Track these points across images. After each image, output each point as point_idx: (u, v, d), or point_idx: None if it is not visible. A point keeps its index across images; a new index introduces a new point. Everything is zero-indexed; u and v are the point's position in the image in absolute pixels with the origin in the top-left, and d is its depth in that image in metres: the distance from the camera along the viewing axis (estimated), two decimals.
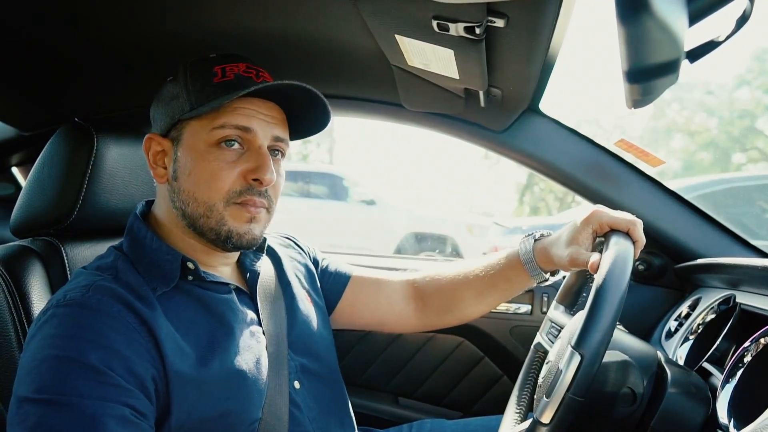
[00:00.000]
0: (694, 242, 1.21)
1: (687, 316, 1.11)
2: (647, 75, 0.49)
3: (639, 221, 0.85)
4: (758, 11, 0.53)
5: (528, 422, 0.72)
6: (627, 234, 0.82)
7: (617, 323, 0.67)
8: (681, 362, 0.97)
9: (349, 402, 0.99)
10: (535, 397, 0.78)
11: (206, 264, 0.85)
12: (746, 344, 0.77)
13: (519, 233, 5.33)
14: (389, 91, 1.22)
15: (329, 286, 1.07)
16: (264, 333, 0.85)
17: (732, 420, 0.71)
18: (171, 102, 0.82)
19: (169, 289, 0.78)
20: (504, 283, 1.01)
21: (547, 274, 0.98)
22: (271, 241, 1.00)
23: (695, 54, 0.53)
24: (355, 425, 0.98)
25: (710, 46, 0.54)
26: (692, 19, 0.45)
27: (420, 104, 1.27)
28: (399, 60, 1.00)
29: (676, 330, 1.11)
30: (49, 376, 0.65)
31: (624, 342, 0.78)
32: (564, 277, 1.04)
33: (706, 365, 0.85)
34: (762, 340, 0.76)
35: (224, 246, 0.82)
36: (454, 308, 1.07)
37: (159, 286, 0.78)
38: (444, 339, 1.48)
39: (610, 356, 0.75)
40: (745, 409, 0.70)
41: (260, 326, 0.86)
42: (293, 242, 1.10)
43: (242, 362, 0.79)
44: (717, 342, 0.86)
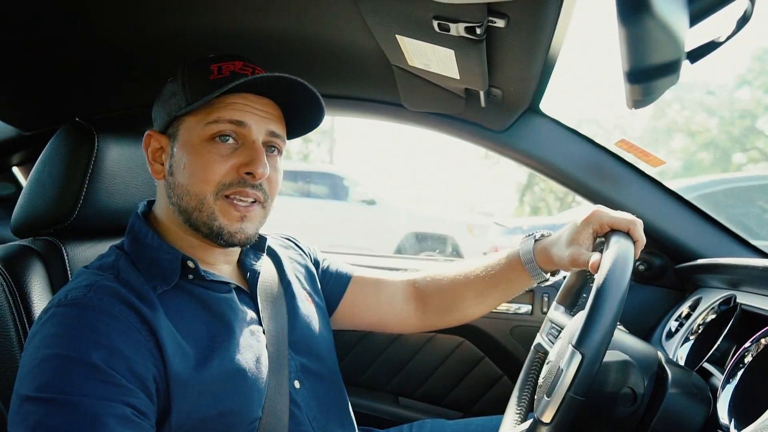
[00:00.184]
0: (695, 242, 1.21)
1: (687, 317, 1.11)
2: (648, 75, 0.49)
3: (639, 221, 0.85)
4: (759, 11, 0.53)
5: (529, 422, 0.72)
6: (627, 234, 0.82)
7: (618, 323, 0.67)
8: (681, 362, 0.97)
9: (349, 402, 0.99)
10: (536, 397, 0.78)
11: (206, 262, 0.85)
12: (747, 344, 0.77)
13: (519, 233, 5.33)
14: (390, 91, 1.22)
15: (330, 287, 1.07)
16: (264, 332, 0.86)
17: (732, 420, 0.71)
18: (169, 100, 0.84)
19: (170, 288, 0.79)
20: (504, 284, 1.01)
21: (548, 275, 0.98)
22: (272, 242, 1.00)
23: (696, 54, 0.53)
24: (355, 425, 0.98)
25: (711, 47, 0.54)
26: (693, 20, 0.45)
27: (420, 104, 1.27)
28: (399, 60, 1.01)
29: (677, 330, 1.11)
30: (51, 375, 0.65)
31: (624, 342, 0.78)
32: (564, 278, 1.04)
33: (707, 365, 0.85)
34: (762, 341, 0.76)
35: (217, 242, 0.82)
36: (455, 308, 1.07)
37: (159, 285, 0.78)
38: (444, 339, 1.48)
39: (611, 356, 0.75)
40: (746, 410, 0.70)
41: (260, 325, 0.86)
42: (294, 243, 1.10)
43: (242, 361, 0.79)
44: (717, 342, 0.86)
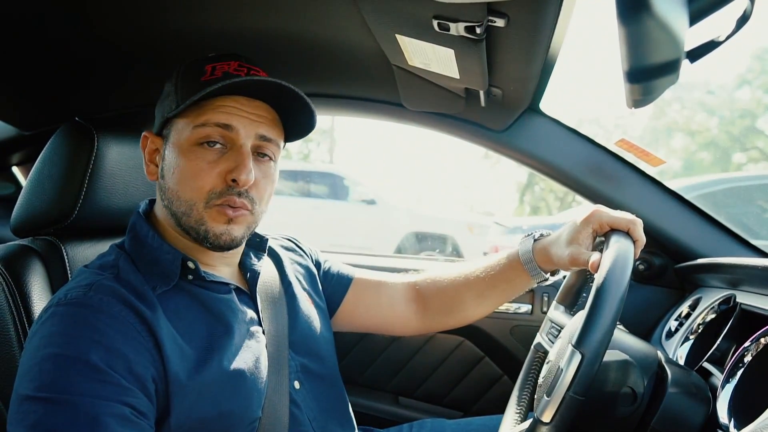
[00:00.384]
0: (695, 242, 1.21)
1: (687, 316, 1.11)
2: (647, 75, 0.49)
3: (639, 221, 0.85)
4: (759, 11, 0.53)
5: (528, 422, 0.72)
6: (627, 233, 0.82)
7: (617, 323, 0.68)
8: (681, 362, 0.97)
9: (349, 402, 0.99)
10: (536, 397, 0.78)
11: (206, 263, 0.85)
12: (746, 344, 0.77)
13: (519, 233, 5.33)
14: (390, 91, 1.22)
15: (331, 289, 1.07)
16: (264, 333, 0.85)
17: (732, 420, 0.71)
18: (164, 101, 0.84)
19: (169, 289, 0.78)
20: (504, 284, 1.01)
21: (547, 274, 0.98)
22: (273, 243, 1.00)
23: (696, 54, 0.53)
24: (355, 425, 0.98)
25: (711, 46, 0.53)
26: (693, 19, 0.45)
27: (420, 104, 1.27)
28: (399, 59, 1.00)
29: (677, 330, 1.11)
30: (50, 375, 0.65)
31: (624, 341, 0.78)
32: (564, 277, 1.04)
33: (707, 365, 0.85)
34: (762, 340, 0.76)
35: (204, 244, 0.81)
36: (456, 310, 1.07)
37: (159, 285, 0.78)
38: (444, 339, 1.48)
39: (611, 356, 0.75)
40: (746, 409, 0.70)
41: (260, 326, 0.86)
42: (295, 244, 1.09)
43: (241, 362, 0.78)
44: (717, 342, 0.86)
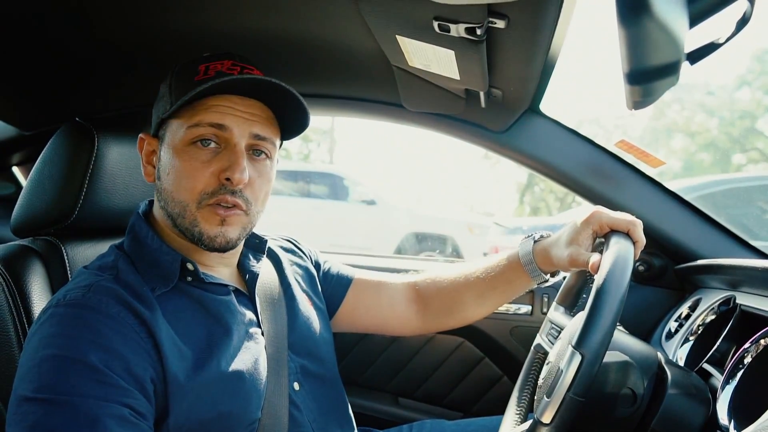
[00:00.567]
0: (695, 243, 1.21)
1: (687, 317, 1.11)
2: (648, 76, 0.49)
3: (639, 222, 0.85)
4: (759, 12, 0.53)
5: (528, 423, 0.72)
6: (627, 235, 0.82)
7: (617, 324, 0.68)
8: (681, 363, 0.97)
9: (349, 402, 0.99)
10: (536, 398, 0.78)
11: (204, 264, 0.85)
12: (746, 345, 0.77)
13: (519, 233, 5.33)
14: (390, 92, 1.22)
15: (331, 290, 1.07)
16: (263, 334, 0.85)
17: (732, 421, 0.71)
18: (159, 102, 0.84)
19: (168, 290, 0.78)
20: (504, 285, 1.01)
21: (547, 276, 0.98)
22: (272, 244, 1.00)
23: (695, 55, 0.53)
24: (355, 426, 0.98)
25: (710, 48, 0.53)
26: (693, 21, 0.45)
27: (420, 105, 1.27)
28: (400, 60, 1.01)
29: (677, 331, 1.11)
30: (49, 376, 0.65)
31: (624, 343, 0.78)
32: (564, 278, 1.04)
33: (707, 366, 0.85)
34: (762, 341, 0.76)
35: (199, 246, 0.80)
36: (456, 310, 1.07)
37: (158, 287, 0.78)
38: (444, 339, 1.48)
39: (611, 357, 0.75)
40: (746, 410, 0.70)
41: (259, 327, 0.86)
42: (294, 245, 1.09)
43: (240, 363, 0.78)
44: (717, 343, 0.86)
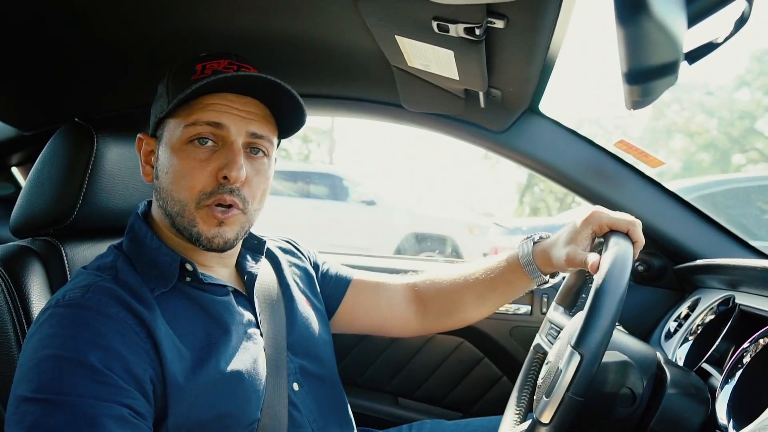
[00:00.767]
0: (694, 243, 1.21)
1: (686, 317, 1.11)
2: (646, 76, 0.50)
3: (638, 222, 0.85)
4: (758, 12, 0.53)
5: (528, 423, 0.72)
6: (626, 235, 0.82)
7: (617, 324, 0.68)
8: (680, 363, 0.97)
9: (349, 403, 0.99)
10: (535, 398, 0.78)
11: (203, 265, 0.85)
12: (745, 345, 0.77)
13: (519, 233, 5.34)
14: (389, 92, 1.22)
15: (330, 291, 1.07)
16: (262, 335, 0.85)
17: (731, 421, 0.71)
18: (157, 101, 0.84)
19: (167, 290, 0.78)
20: (504, 286, 1.01)
21: (547, 277, 0.98)
22: (271, 245, 1.00)
23: (694, 55, 0.53)
24: (355, 427, 0.98)
25: (709, 48, 0.54)
26: (691, 21, 0.45)
27: (420, 105, 1.27)
28: (399, 61, 1.01)
29: (676, 331, 1.11)
30: (48, 376, 0.65)
31: (623, 342, 0.78)
32: (563, 279, 1.04)
33: (706, 366, 0.85)
34: (761, 341, 0.76)
35: (197, 246, 0.80)
36: (455, 311, 1.06)
37: (157, 287, 0.78)
38: (444, 339, 1.48)
39: (610, 356, 0.75)
40: (745, 410, 0.70)
41: (258, 328, 0.86)
42: (293, 246, 1.09)
43: (239, 364, 0.78)
44: (716, 343, 0.86)
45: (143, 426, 0.67)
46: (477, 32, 0.77)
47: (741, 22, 0.51)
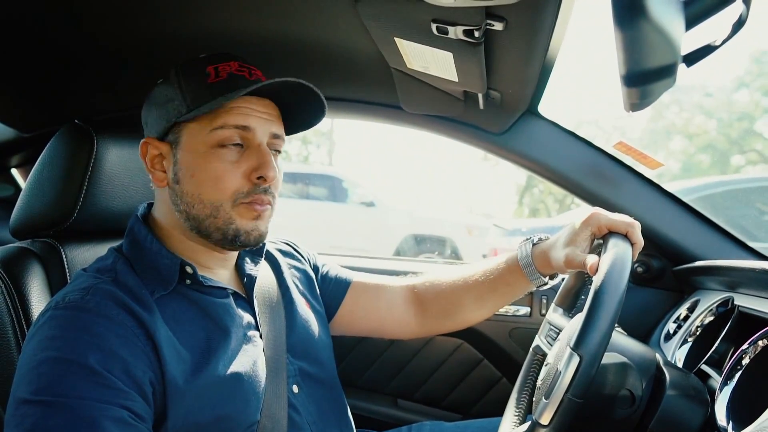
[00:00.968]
0: (693, 244, 1.21)
1: (685, 319, 1.12)
2: (645, 78, 0.50)
3: (637, 223, 0.85)
4: (757, 14, 0.54)
5: (527, 424, 0.72)
6: (625, 236, 0.82)
7: (616, 325, 0.68)
8: (679, 364, 0.97)
9: (348, 404, 0.99)
10: (534, 399, 0.78)
11: (204, 267, 0.85)
12: (744, 346, 0.77)
13: (518, 235, 5.33)
14: (388, 94, 1.22)
15: (329, 293, 1.07)
16: (261, 337, 0.85)
17: (730, 422, 0.71)
18: (166, 105, 0.82)
19: (167, 293, 0.78)
20: (504, 288, 1.01)
21: (546, 278, 0.98)
22: (270, 247, 1.00)
23: (692, 58, 0.54)
24: (354, 429, 0.97)
25: (707, 50, 0.54)
26: (689, 23, 0.46)
27: (419, 106, 1.27)
28: (398, 62, 1.01)
29: (675, 332, 1.11)
30: (47, 378, 0.64)
31: (623, 344, 0.78)
32: (563, 280, 1.04)
33: (705, 367, 0.85)
34: (760, 342, 0.76)
35: (231, 245, 0.82)
36: (455, 313, 1.06)
37: (157, 289, 0.78)
38: (443, 341, 1.48)
39: (609, 358, 0.75)
40: (744, 411, 0.70)
41: (257, 330, 0.86)
42: (293, 248, 1.09)
43: (239, 366, 0.78)
44: (715, 344, 0.86)
45: (142, 428, 0.67)
46: (476, 34, 0.77)
47: (739, 25, 0.51)
